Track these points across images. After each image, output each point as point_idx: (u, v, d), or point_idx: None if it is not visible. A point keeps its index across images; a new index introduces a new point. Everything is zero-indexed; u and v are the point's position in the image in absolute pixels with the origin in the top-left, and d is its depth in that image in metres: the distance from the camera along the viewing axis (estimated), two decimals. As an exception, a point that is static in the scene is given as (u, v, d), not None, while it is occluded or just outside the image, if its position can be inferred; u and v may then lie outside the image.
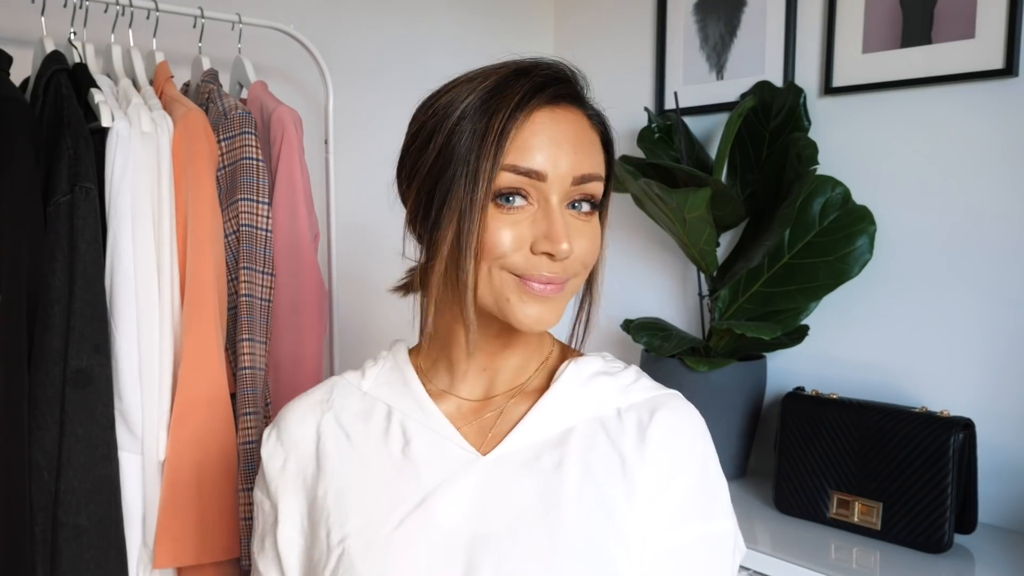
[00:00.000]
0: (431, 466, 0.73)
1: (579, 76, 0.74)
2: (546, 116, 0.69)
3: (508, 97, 0.68)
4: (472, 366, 0.79)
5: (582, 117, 0.72)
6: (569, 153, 0.68)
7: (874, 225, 1.57)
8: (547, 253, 0.68)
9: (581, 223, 0.71)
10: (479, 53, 2.03)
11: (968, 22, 1.46)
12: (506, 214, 0.68)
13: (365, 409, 0.79)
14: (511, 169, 0.67)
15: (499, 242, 0.67)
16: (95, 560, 1.12)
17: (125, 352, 1.16)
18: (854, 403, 1.45)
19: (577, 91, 0.72)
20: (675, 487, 0.71)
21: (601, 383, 0.77)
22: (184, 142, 1.22)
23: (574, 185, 0.69)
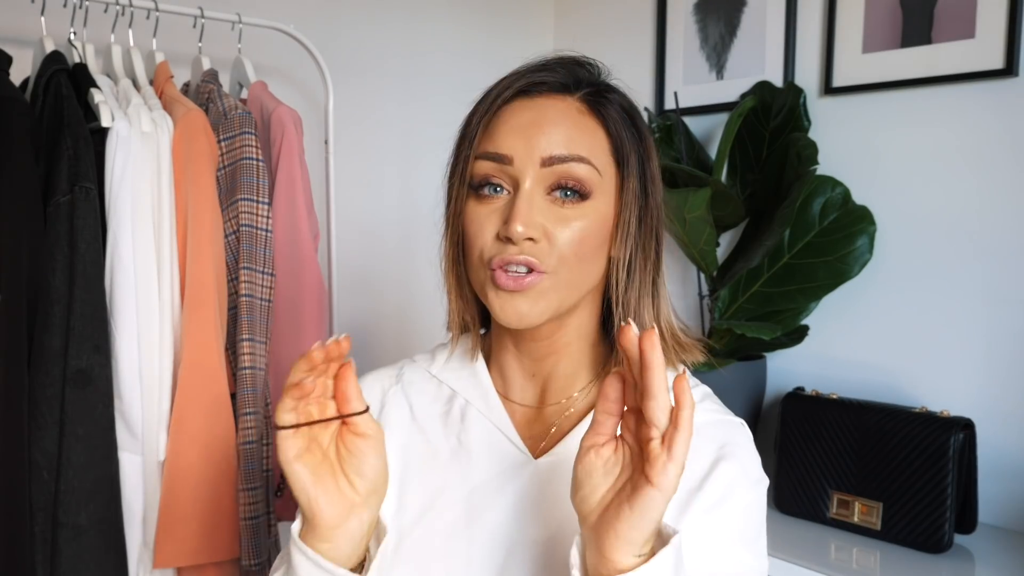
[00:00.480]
0: (483, 458, 0.73)
1: (575, 66, 0.72)
2: (519, 105, 0.70)
3: (490, 95, 0.71)
4: (520, 371, 0.77)
5: (568, 103, 0.69)
6: (536, 136, 0.67)
7: (874, 225, 1.57)
8: (506, 237, 0.67)
9: (565, 211, 0.68)
10: (479, 53, 2.03)
11: (968, 22, 1.46)
12: (482, 204, 0.69)
13: (431, 390, 0.80)
14: (482, 156, 0.69)
15: (475, 232, 0.69)
16: (95, 560, 1.12)
17: (125, 352, 1.16)
18: (854, 403, 1.45)
19: (562, 80, 0.70)
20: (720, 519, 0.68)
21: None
22: (184, 142, 1.22)
23: (544, 167, 0.67)
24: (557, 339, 0.74)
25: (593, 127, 0.70)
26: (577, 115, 0.69)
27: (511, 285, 0.67)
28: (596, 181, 0.68)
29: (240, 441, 1.24)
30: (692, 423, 0.52)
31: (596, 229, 0.69)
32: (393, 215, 1.89)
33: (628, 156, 0.70)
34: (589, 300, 0.74)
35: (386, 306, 1.89)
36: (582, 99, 0.70)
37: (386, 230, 1.89)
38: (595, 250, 0.70)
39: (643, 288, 0.72)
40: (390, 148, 1.89)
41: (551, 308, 0.69)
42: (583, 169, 0.67)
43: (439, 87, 1.94)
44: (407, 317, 1.91)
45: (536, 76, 0.70)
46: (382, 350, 1.87)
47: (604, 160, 0.69)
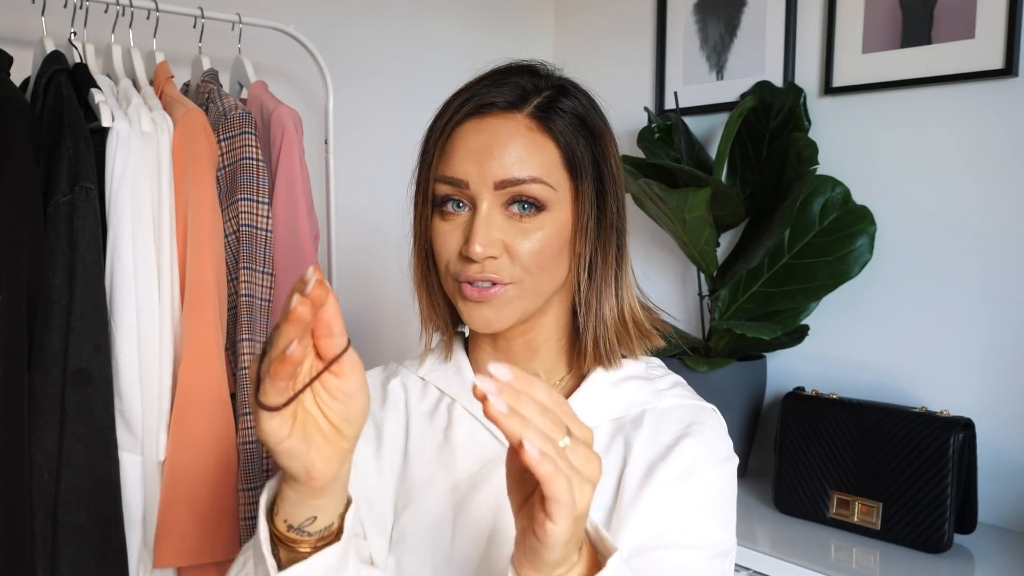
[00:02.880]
0: (467, 453, 0.76)
1: (521, 76, 0.73)
2: (470, 128, 0.72)
3: (443, 116, 0.75)
4: None
5: (518, 122, 0.71)
6: (488, 160, 0.70)
7: (874, 225, 1.57)
8: (467, 256, 0.70)
9: (523, 225, 0.71)
10: (479, 53, 2.02)
11: (968, 22, 1.46)
12: (446, 221, 0.73)
13: (421, 390, 0.84)
14: (440, 179, 0.72)
15: (440, 247, 0.73)
16: (95, 560, 1.12)
17: (125, 352, 1.16)
18: (854, 403, 1.45)
19: (509, 98, 0.71)
20: (685, 492, 0.70)
21: (632, 386, 0.77)
22: (184, 142, 1.22)
23: (498, 190, 0.70)
24: (532, 337, 0.78)
25: (543, 143, 0.71)
26: (527, 133, 0.71)
27: (476, 296, 0.71)
28: (551, 195, 0.71)
29: (240, 441, 1.24)
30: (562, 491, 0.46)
31: (555, 237, 0.72)
32: (393, 215, 1.88)
33: (581, 165, 0.72)
34: (559, 298, 0.77)
35: (386, 306, 1.89)
36: (531, 115, 0.72)
37: (386, 230, 1.89)
38: (556, 257, 0.73)
39: (604, 283, 0.75)
40: (390, 148, 1.89)
41: (516, 314, 0.72)
42: (536, 188, 0.70)
43: (439, 87, 1.91)
44: (407, 317, 1.90)
45: (485, 96, 0.72)
46: (382, 349, 1.87)
47: (557, 174, 0.72)
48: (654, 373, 0.80)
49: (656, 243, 1.95)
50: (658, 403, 0.76)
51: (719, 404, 0.83)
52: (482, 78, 0.75)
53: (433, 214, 0.74)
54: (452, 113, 0.74)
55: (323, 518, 0.58)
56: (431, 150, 0.75)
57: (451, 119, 0.73)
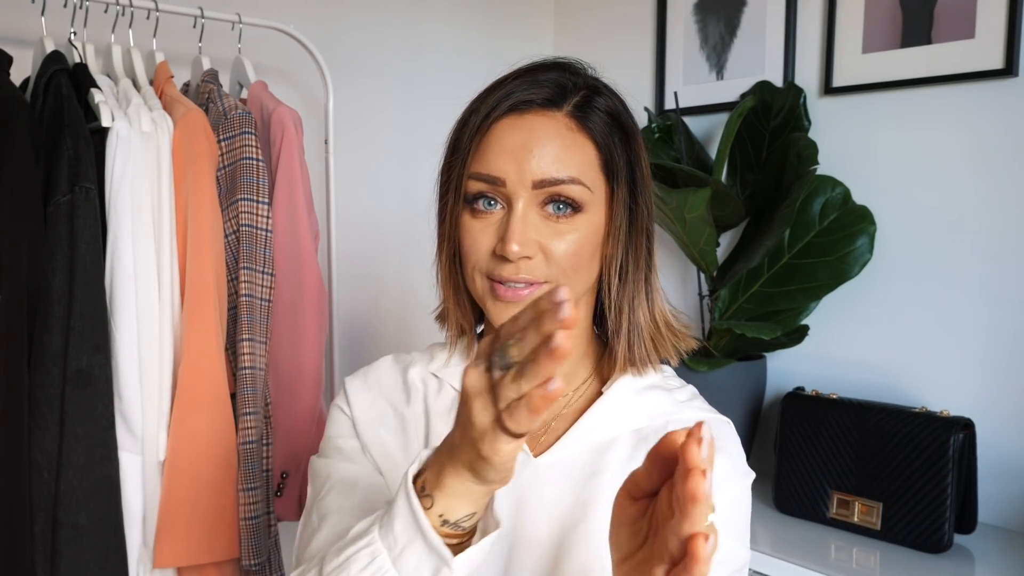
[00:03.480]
0: None
1: (560, 73, 0.72)
2: (508, 124, 0.70)
3: (479, 111, 0.72)
4: None
5: (557, 120, 0.70)
6: (527, 159, 0.68)
7: (874, 225, 1.57)
8: (502, 256, 0.68)
9: (558, 226, 0.69)
10: (479, 53, 2.03)
11: (968, 22, 1.46)
12: (477, 219, 0.71)
13: (436, 386, 0.81)
14: (475, 176, 0.70)
15: (471, 246, 0.71)
16: (95, 560, 1.12)
17: (125, 352, 1.16)
18: (854, 403, 1.45)
19: (549, 96, 0.70)
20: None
21: (654, 396, 0.76)
22: (184, 142, 1.22)
23: (536, 189, 0.68)
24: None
25: (582, 143, 0.70)
26: (566, 132, 0.70)
27: (510, 297, 0.69)
28: (588, 197, 0.70)
29: (240, 441, 1.24)
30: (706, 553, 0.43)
31: (589, 239, 0.71)
32: (393, 215, 1.89)
33: (617, 166, 0.72)
34: (582, 302, 0.76)
35: (386, 306, 1.89)
36: (570, 114, 0.71)
37: (386, 230, 1.89)
38: (589, 258, 0.72)
39: (636, 287, 0.74)
40: (390, 148, 1.89)
41: None
42: (575, 189, 0.69)
43: (439, 87, 1.94)
44: (407, 317, 1.90)
45: (524, 93, 0.71)
46: (382, 349, 1.87)
47: (594, 175, 0.71)
48: (671, 383, 0.79)
49: (656, 243, 1.94)
50: (680, 415, 0.75)
51: (719, 404, 0.83)
52: (517, 74, 0.73)
53: (462, 212, 0.72)
54: (489, 109, 0.71)
55: (480, 512, 0.56)
56: (465, 146, 0.72)
57: (488, 115, 0.71)
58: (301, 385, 1.38)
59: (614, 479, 0.71)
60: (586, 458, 0.73)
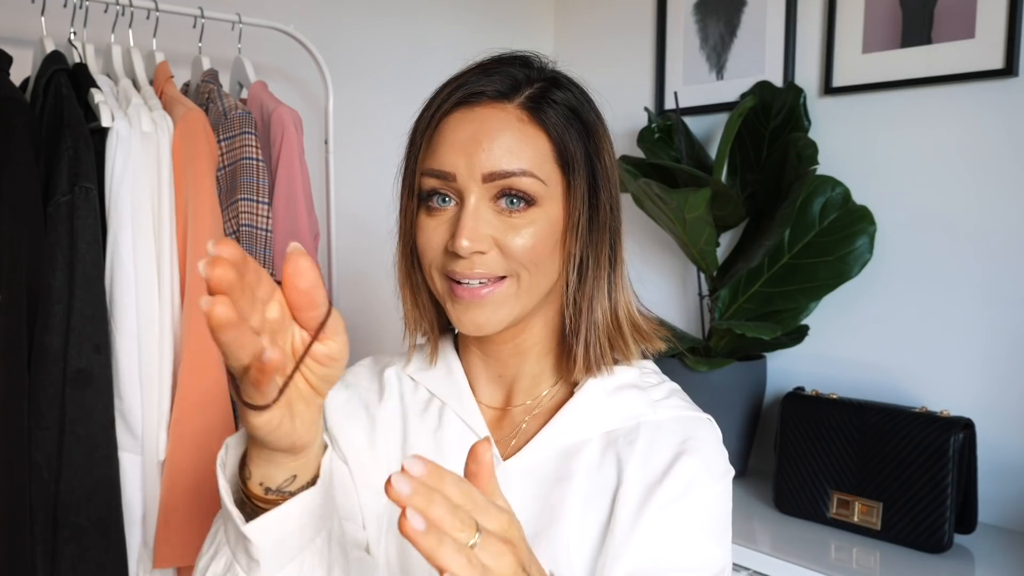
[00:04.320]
0: (458, 460, 0.73)
1: (513, 67, 0.70)
2: (459, 118, 0.69)
3: (431, 106, 0.72)
4: (486, 373, 0.78)
5: (508, 112, 0.68)
6: (476, 152, 0.67)
7: (874, 225, 1.57)
8: (453, 252, 0.67)
9: (512, 220, 0.68)
10: (479, 53, 2.02)
11: (968, 22, 1.46)
12: (432, 217, 0.70)
13: (412, 387, 0.80)
14: (427, 172, 0.69)
15: (425, 244, 0.70)
16: (95, 560, 1.12)
17: (125, 352, 1.16)
18: (854, 403, 1.45)
19: (499, 88, 0.69)
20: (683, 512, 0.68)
21: (627, 396, 0.74)
22: (184, 142, 1.22)
23: (487, 183, 0.67)
24: (521, 341, 0.75)
25: (534, 135, 0.68)
26: (517, 124, 0.68)
27: (467, 297, 0.68)
28: (541, 190, 0.68)
29: (240, 441, 1.24)
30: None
31: (547, 233, 0.69)
32: (393, 215, 1.88)
33: (573, 159, 0.69)
34: (550, 301, 0.74)
35: (386, 306, 1.89)
36: (522, 106, 0.69)
37: (386, 230, 1.88)
38: (549, 254, 0.70)
39: (596, 285, 0.72)
40: (390, 148, 1.88)
41: (511, 315, 0.69)
42: (526, 182, 0.67)
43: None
44: (407, 317, 1.90)
45: (474, 85, 0.69)
46: (381, 349, 1.86)
47: (548, 167, 0.69)
48: (648, 381, 0.76)
49: (656, 243, 1.94)
50: (653, 415, 0.73)
51: (719, 404, 0.82)
52: (472, 67, 0.72)
53: (419, 209, 0.71)
54: (440, 103, 0.71)
55: (303, 474, 0.55)
56: (417, 142, 0.71)
57: (438, 109, 0.70)
58: (301, 385, 1.38)
59: (581, 484, 0.70)
60: (554, 462, 0.72)
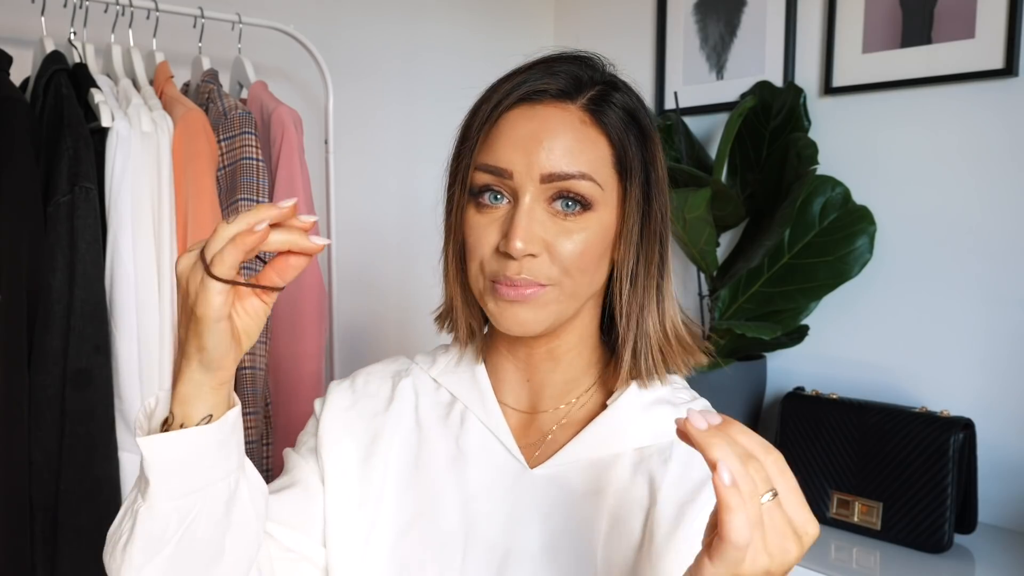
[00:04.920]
0: (480, 466, 0.72)
1: (576, 65, 0.69)
2: (519, 115, 0.67)
3: (490, 100, 0.69)
4: (515, 375, 0.76)
5: (571, 113, 0.67)
6: (537, 151, 0.65)
7: (874, 225, 1.57)
8: (505, 253, 0.65)
9: (566, 223, 0.66)
10: (479, 53, 2.03)
11: (968, 22, 1.46)
12: (482, 214, 0.68)
13: (434, 392, 0.78)
14: (482, 168, 0.67)
15: (475, 243, 0.68)
16: (95, 560, 1.11)
17: (125, 352, 1.16)
18: (854, 403, 1.45)
19: (563, 87, 0.68)
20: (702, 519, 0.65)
21: (661, 412, 0.71)
22: (184, 142, 1.22)
23: (544, 183, 0.65)
24: (556, 347, 0.73)
25: (595, 137, 0.67)
26: (579, 126, 0.67)
27: (511, 295, 0.66)
28: (598, 195, 0.67)
29: (240, 441, 1.24)
30: (729, 490, 0.45)
31: (598, 240, 0.68)
32: (393, 215, 1.89)
33: (631, 165, 0.68)
34: (589, 306, 0.73)
35: (386, 306, 1.89)
36: (584, 107, 0.67)
37: (386, 230, 1.89)
38: (598, 260, 0.68)
39: (647, 294, 0.70)
40: (390, 148, 1.89)
41: (552, 317, 0.68)
42: (585, 185, 0.66)
43: (439, 87, 1.94)
44: (407, 317, 1.90)
45: (537, 83, 0.68)
46: (382, 350, 1.87)
47: (606, 172, 0.67)
48: (680, 397, 0.74)
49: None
50: None
51: (719, 404, 0.82)
52: (533, 64, 0.70)
53: (468, 205, 0.69)
54: (500, 98, 0.68)
55: (217, 412, 0.59)
56: (473, 136, 0.69)
57: (499, 104, 0.68)
58: (301, 385, 1.38)
59: (614, 500, 0.68)
60: (586, 474, 0.70)
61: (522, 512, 0.69)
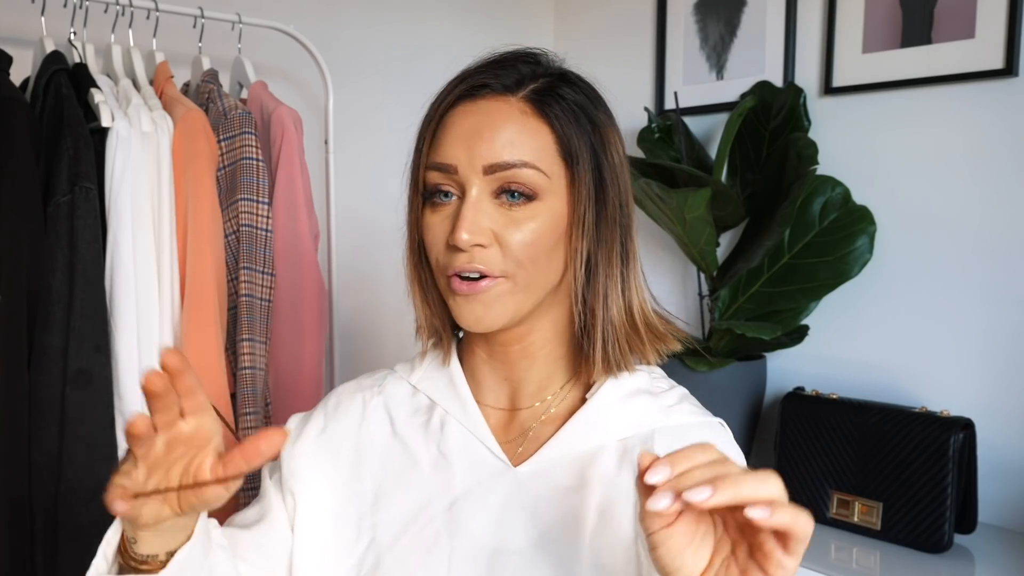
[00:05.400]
0: (464, 469, 0.72)
1: (519, 62, 0.70)
2: (462, 111, 0.69)
3: (437, 100, 0.72)
4: (491, 375, 0.76)
5: (511, 105, 0.68)
6: (477, 143, 0.66)
7: (874, 225, 1.57)
8: (454, 245, 0.66)
9: (513, 213, 0.66)
10: (479, 53, 2.02)
11: (968, 22, 1.46)
12: (435, 212, 0.69)
13: (412, 400, 0.78)
14: (431, 166, 0.69)
15: (431, 240, 0.69)
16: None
17: (125, 352, 1.16)
18: (854, 403, 1.45)
19: (504, 81, 0.68)
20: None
21: (640, 402, 0.72)
22: (184, 142, 1.22)
23: (488, 175, 0.66)
24: (529, 343, 0.73)
25: (536, 127, 0.68)
26: (520, 116, 0.67)
27: (464, 290, 0.67)
28: (543, 183, 0.67)
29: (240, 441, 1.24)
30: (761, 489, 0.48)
31: (549, 229, 0.68)
32: (393, 215, 1.87)
33: (578, 153, 0.68)
34: (558, 301, 0.72)
35: (386, 306, 1.89)
36: (525, 99, 0.68)
37: (386, 230, 1.88)
38: (550, 250, 0.68)
39: (609, 283, 0.70)
40: (390, 148, 1.88)
41: (508, 312, 0.68)
42: (527, 174, 0.66)
43: (439, 87, 1.93)
44: (407, 317, 1.89)
45: (478, 78, 0.69)
46: (381, 350, 1.87)
47: (550, 160, 0.68)
48: (659, 386, 0.75)
49: (656, 243, 1.94)
50: (667, 421, 0.71)
51: (719, 404, 0.82)
52: (480, 62, 0.72)
53: (424, 207, 0.70)
54: (444, 96, 0.71)
55: (184, 540, 0.63)
56: (422, 136, 0.71)
57: (442, 102, 0.71)
58: (301, 385, 1.38)
59: (600, 493, 0.68)
60: (570, 469, 0.70)
61: (508, 510, 0.69)
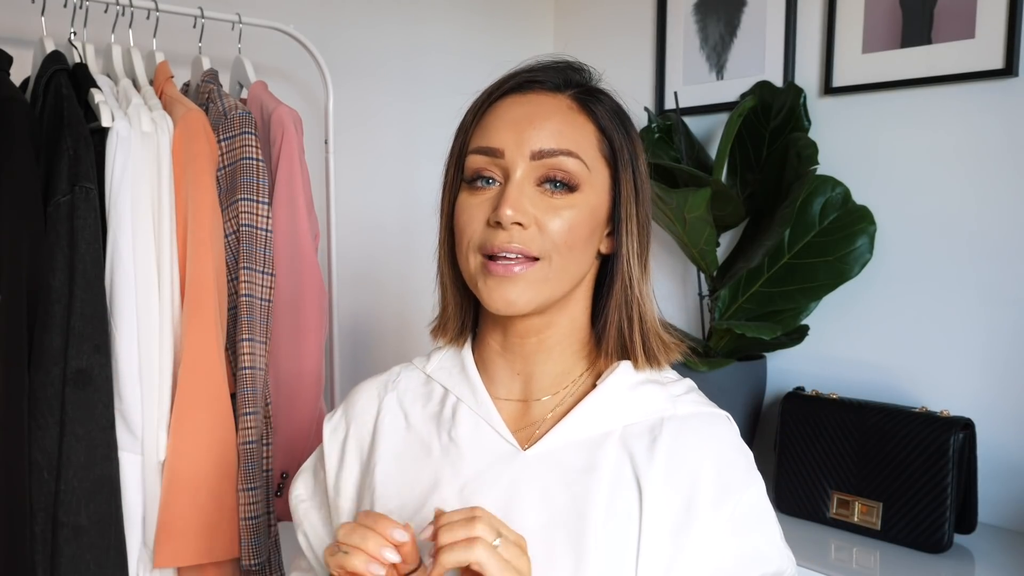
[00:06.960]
0: (473, 452, 0.74)
1: (569, 69, 0.75)
2: (511, 100, 0.72)
3: (486, 92, 0.75)
4: (505, 368, 0.78)
5: (559, 100, 0.72)
6: (527, 129, 0.69)
7: (874, 225, 1.57)
8: (497, 223, 0.68)
9: (554, 201, 0.70)
10: (479, 53, 2.03)
11: (968, 22, 1.46)
12: (473, 196, 0.71)
13: (426, 391, 0.81)
14: (475, 150, 0.72)
15: (466, 221, 0.71)
16: (95, 560, 1.12)
17: (125, 352, 1.16)
18: (854, 403, 1.45)
19: (554, 80, 0.73)
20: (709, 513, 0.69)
21: (649, 390, 0.75)
22: (184, 142, 1.22)
23: (535, 160, 0.69)
24: (547, 337, 0.75)
25: (583, 123, 0.72)
26: (567, 111, 0.72)
27: (501, 272, 0.69)
28: (585, 175, 0.70)
29: (240, 441, 1.24)
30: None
31: (585, 220, 0.71)
32: (393, 215, 1.89)
33: (619, 152, 0.73)
34: (578, 297, 0.75)
35: (386, 306, 1.89)
36: (573, 97, 0.73)
37: (386, 230, 1.89)
38: (585, 240, 0.71)
39: (644, 279, 0.75)
40: (390, 148, 1.89)
41: (540, 296, 0.70)
42: (571, 163, 0.70)
43: (439, 87, 1.94)
44: (407, 317, 1.90)
45: (530, 75, 0.73)
46: (382, 350, 1.87)
47: (593, 155, 0.72)
48: (667, 377, 0.78)
49: (656, 243, 1.94)
50: (674, 410, 0.74)
51: (719, 404, 0.82)
52: (529, 65, 0.75)
53: (461, 190, 0.73)
54: (494, 88, 0.74)
55: None
56: (468, 123, 0.74)
57: (492, 93, 0.74)
58: (301, 385, 1.38)
59: (608, 475, 0.70)
60: (578, 452, 0.72)
61: (518, 492, 0.71)
